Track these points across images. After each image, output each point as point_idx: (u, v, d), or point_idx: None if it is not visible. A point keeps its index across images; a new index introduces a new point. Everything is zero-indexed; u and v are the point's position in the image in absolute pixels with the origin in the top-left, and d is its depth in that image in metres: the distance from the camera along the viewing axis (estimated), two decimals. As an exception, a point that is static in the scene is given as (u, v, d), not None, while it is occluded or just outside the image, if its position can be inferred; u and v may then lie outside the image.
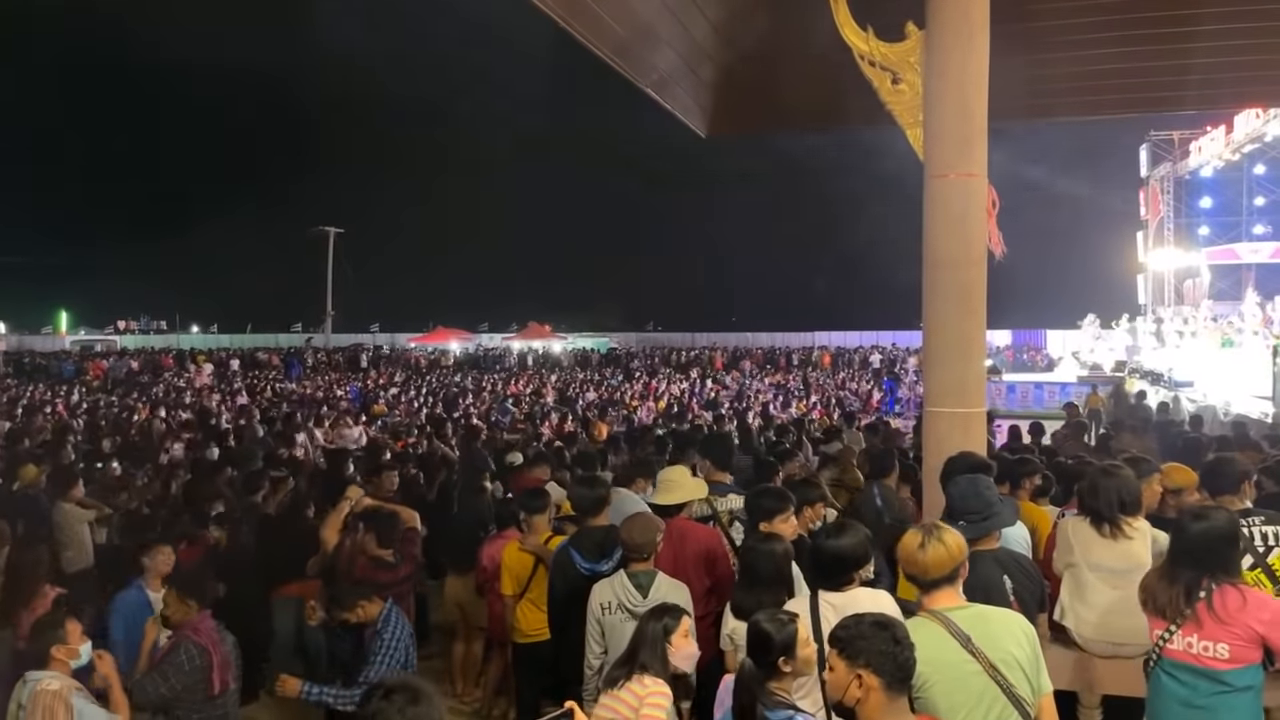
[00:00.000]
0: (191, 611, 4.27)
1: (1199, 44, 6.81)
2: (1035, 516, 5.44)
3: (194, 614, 4.27)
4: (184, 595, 4.28)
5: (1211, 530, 3.42)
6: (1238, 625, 3.30)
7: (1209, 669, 3.34)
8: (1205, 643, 3.34)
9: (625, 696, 3.27)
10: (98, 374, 34.12)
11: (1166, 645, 3.45)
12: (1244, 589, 3.37)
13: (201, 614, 4.30)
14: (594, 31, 6.16)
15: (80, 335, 51.65)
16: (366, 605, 4.40)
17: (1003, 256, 5.30)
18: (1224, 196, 31.35)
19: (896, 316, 38.42)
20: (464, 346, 45.32)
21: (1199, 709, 3.36)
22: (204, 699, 4.16)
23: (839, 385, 28.98)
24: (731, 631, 3.68)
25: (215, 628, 4.30)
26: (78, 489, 7.45)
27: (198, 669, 4.12)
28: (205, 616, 4.31)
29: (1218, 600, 3.33)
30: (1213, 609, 3.33)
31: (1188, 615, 3.38)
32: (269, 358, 41.07)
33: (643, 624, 3.49)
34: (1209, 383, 19.41)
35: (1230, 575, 3.40)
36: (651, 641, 3.39)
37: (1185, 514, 3.62)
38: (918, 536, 3.08)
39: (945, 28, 5.00)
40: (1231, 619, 3.30)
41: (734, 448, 5.92)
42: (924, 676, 2.82)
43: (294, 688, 4.15)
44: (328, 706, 4.25)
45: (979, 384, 5.20)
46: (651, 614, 3.52)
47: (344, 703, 4.14)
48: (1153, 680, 3.53)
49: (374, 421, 17.78)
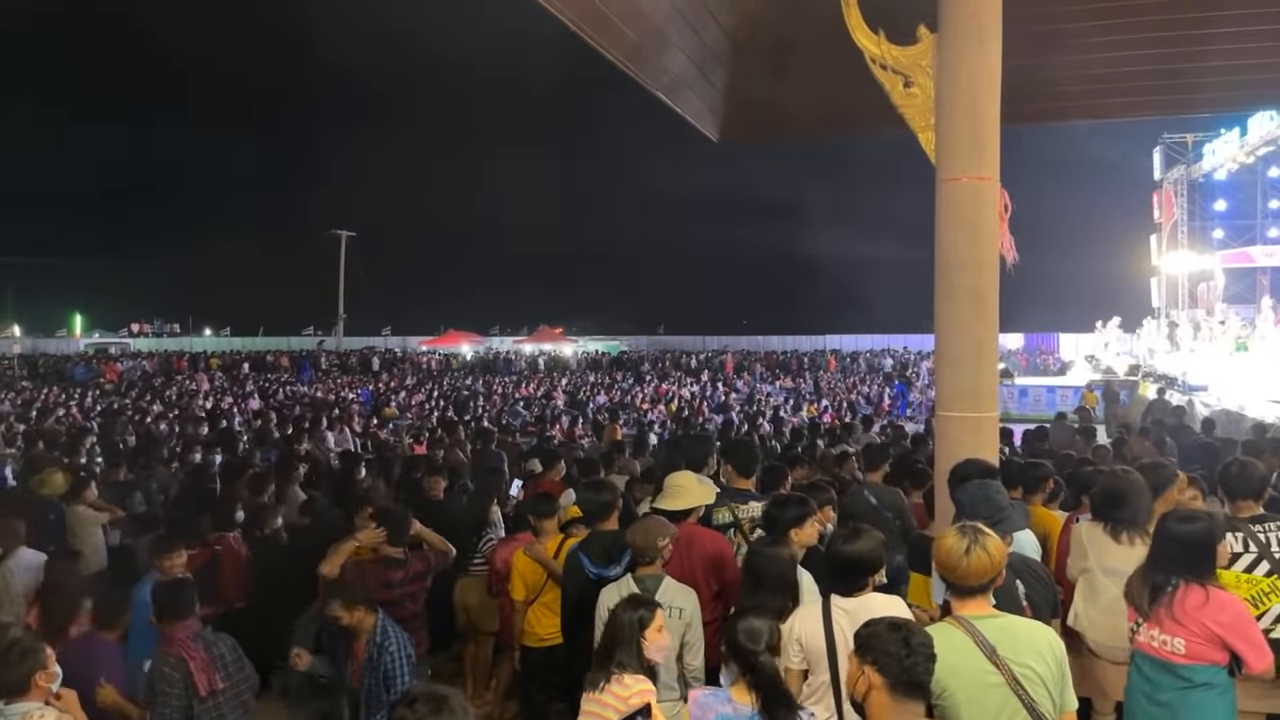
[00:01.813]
0: None
1: (1213, 46, 6.76)
2: (1047, 522, 5.42)
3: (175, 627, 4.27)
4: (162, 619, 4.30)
5: (1190, 534, 3.55)
6: (1194, 623, 3.42)
7: (1167, 662, 3.48)
8: (1165, 636, 3.49)
9: (609, 699, 3.23)
10: (112, 377, 34.32)
11: (1135, 637, 3.62)
12: (1211, 590, 3.48)
13: (179, 624, 4.26)
14: (605, 35, 6.16)
15: (94, 338, 52.01)
16: (360, 614, 4.36)
17: (1015, 263, 5.26)
18: (1238, 199, 31.13)
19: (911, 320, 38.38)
20: (475, 349, 45.43)
21: (1162, 706, 3.50)
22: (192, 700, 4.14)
23: (850, 389, 28.89)
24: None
25: (191, 635, 4.25)
26: (90, 491, 7.49)
27: (177, 680, 4.11)
28: (183, 626, 4.26)
29: (1179, 597, 3.47)
30: (1172, 605, 3.47)
31: (1150, 610, 3.54)
32: (277, 359, 41.26)
33: (616, 618, 3.43)
34: (1223, 387, 19.27)
35: (1199, 577, 3.51)
36: (628, 638, 3.35)
37: (1171, 516, 3.71)
38: (962, 541, 2.97)
39: (957, 30, 4.98)
40: (1188, 616, 3.43)
41: (758, 454, 5.85)
42: (944, 684, 2.79)
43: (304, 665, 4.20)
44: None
45: (991, 388, 5.17)
46: (626, 606, 3.46)
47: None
48: (1128, 674, 3.70)
49: (385, 424, 17.87)
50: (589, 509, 4.88)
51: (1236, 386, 18.30)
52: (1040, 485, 5.64)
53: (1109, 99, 8.08)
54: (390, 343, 50.70)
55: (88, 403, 23.21)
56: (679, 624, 3.99)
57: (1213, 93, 7.79)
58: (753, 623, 3.21)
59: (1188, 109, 9.30)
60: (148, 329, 56.85)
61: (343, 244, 49.48)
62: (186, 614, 4.33)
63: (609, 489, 5.02)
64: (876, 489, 6.25)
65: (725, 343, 47.64)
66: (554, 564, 5.21)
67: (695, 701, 3.29)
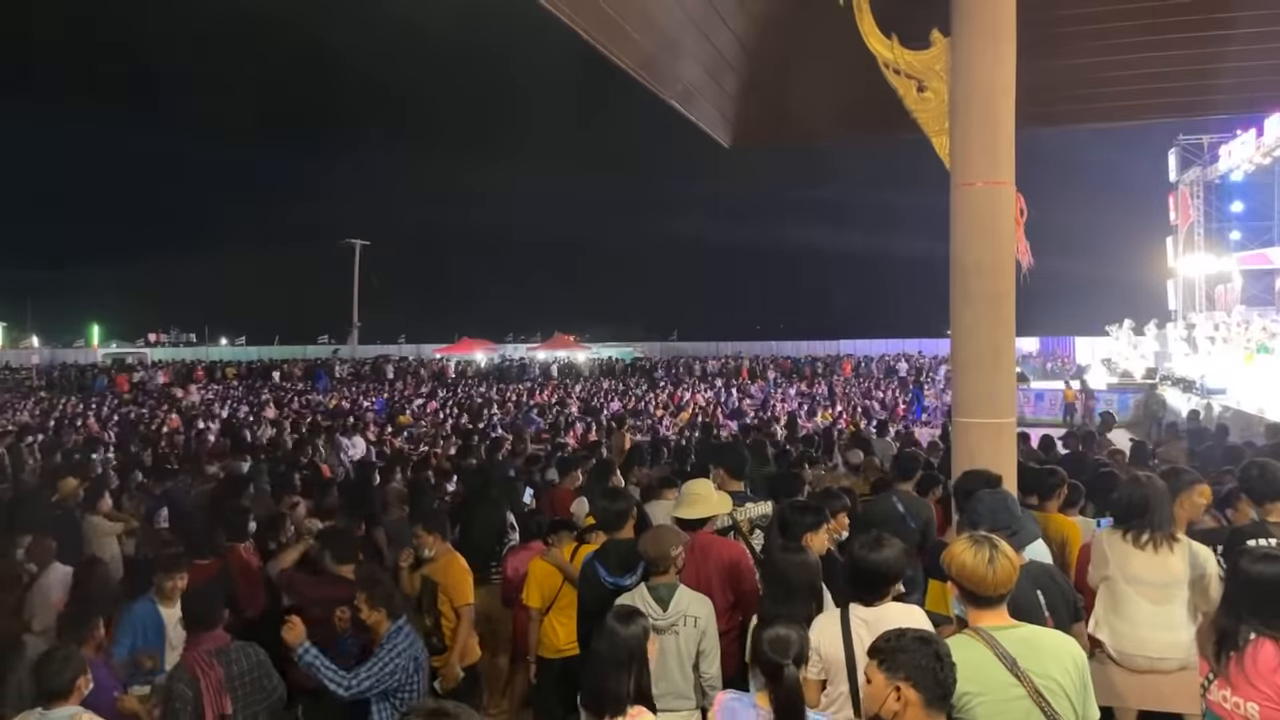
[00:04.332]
0: None
1: (1229, 47, 6.71)
2: (1065, 528, 5.36)
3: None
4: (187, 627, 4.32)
5: (1265, 575, 3.16)
6: (1269, 685, 3.05)
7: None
8: (1236, 699, 3.12)
9: None
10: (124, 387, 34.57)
11: (1206, 694, 3.27)
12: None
13: (207, 634, 4.27)
14: (617, 44, 6.16)
15: (112, 348, 52.39)
16: (374, 613, 4.34)
17: (1030, 267, 5.22)
18: (1255, 200, 30.90)
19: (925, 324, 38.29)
20: (489, 357, 45.52)
21: None
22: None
23: (865, 394, 28.78)
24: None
25: (209, 654, 4.22)
26: (105, 501, 7.53)
27: (190, 699, 4.08)
28: (210, 638, 4.27)
29: (1249, 655, 3.11)
30: (1243, 664, 3.11)
31: (1220, 665, 3.18)
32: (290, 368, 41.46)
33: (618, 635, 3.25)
34: (1241, 389, 19.10)
35: (1274, 629, 3.11)
36: (639, 653, 3.24)
37: (1247, 554, 3.32)
38: (983, 551, 2.88)
39: (971, 34, 4.96)
40: (1261, 678, 3.06)
41: (748, 457, 5.82)
42: (967, 697, 2.73)
43: (297, 635, 4.12)
44: (317, 677, 4.16)
45: (1009, 393, 5.13)
46: (624, 622, 3.30)
47: (333, 680, 4.10)
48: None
49: (400, 432, 17.93)
50: (604, 518, 4.86)
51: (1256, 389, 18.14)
52: (1055, 491, 5.58)
53: (1123, 101, 8.02)
54: (404, 350, 50.86)
55: (104, 412, 23.38)
56: (695, 632, 3.97)
57: (1229, 94, 7.73)
58: (780, 631, 3.16)
59: (1203, 111, 9.22)
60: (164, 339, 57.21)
61: (357, 253, 49.70)
62: (215, 623, 4.35)
63: (624, 497, 4.99)
64: (907, 498, 6.18)
65: (739, 348, 47.54)
66: (571, 568, 5.20)
67: (721, 705, 3.26)
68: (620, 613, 3.39)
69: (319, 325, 55.21)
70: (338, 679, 4.11)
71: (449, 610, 5.23)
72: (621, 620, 3.32)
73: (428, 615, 5.24)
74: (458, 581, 5.27)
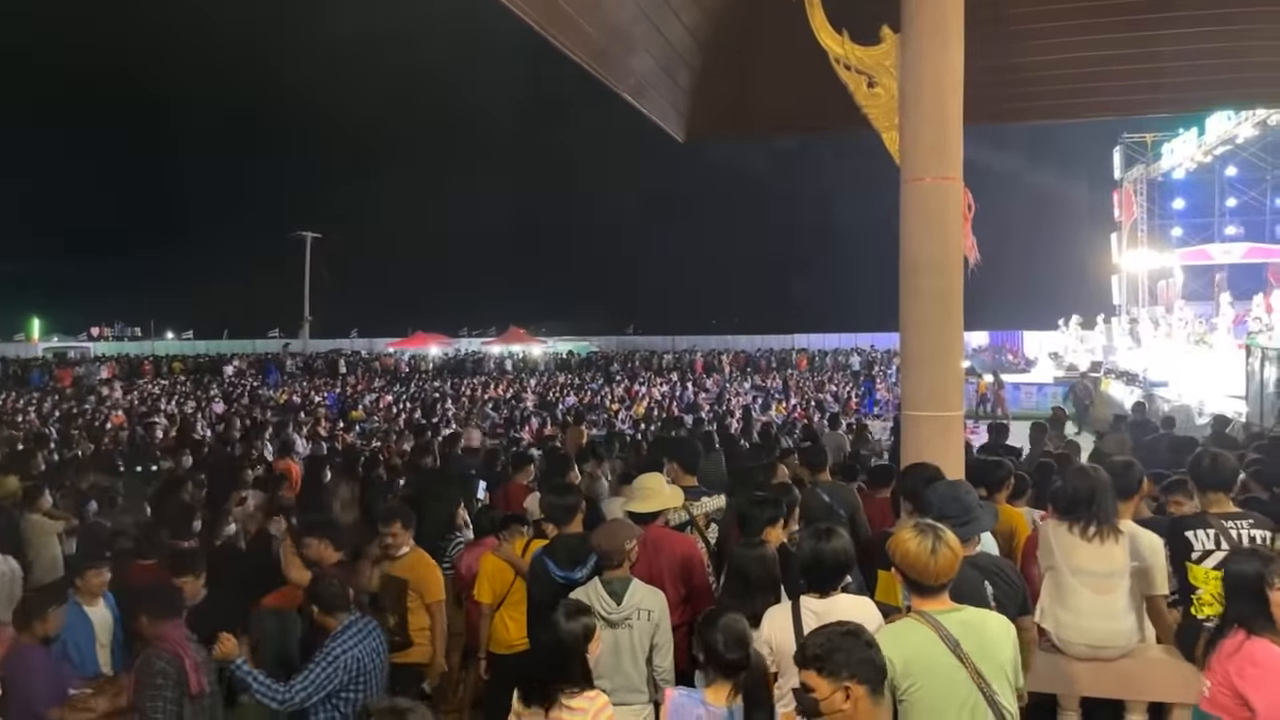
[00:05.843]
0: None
1: (1172, 46, 6.85)
2: (1013, 519, 5.46)
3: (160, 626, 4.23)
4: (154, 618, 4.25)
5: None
6: (1220, 669, 3.23)
7: (1198, 705, 3.35)
8: (1206, 682, 3.34)
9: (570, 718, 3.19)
10: (67, 381, 33.68)
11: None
12: (1254, 641, 3.22)
13: (169, 623, 4.25)
14: (570, 37, 6.11)
15: (53, 342, 51.03)
16: (326, 617, 4.28)
17: (977, 264, 5.28)
18: (1196, 198, 31.76)
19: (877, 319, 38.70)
20: (443, 351, 45.11)
21: None
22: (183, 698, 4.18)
23: (818, 388, 29.04)
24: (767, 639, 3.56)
25: (184, 635, 4.27)
26: (44, 499, 7.32)
27: (171, 675, 4.13)
28: (174, 625, 4.27)
29: (1223, 644, 3.30)
30: (1219, 652, 3.30)
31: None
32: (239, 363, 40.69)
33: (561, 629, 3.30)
34: (1183, 383, 19.61)
35: (1246, 622, 3.28)
36: (577, 649, 3.28)
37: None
38: (926, 541, 2.94)
39: (920, 31, 5.00)
40: (1219, 661, 3.24)
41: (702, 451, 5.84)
42: (913, 678, 2.83)
43: (229, 650, 3.99)
44: (250, 691, 4.05)
45: (957, 388, 5.19)
46: (569, 616, 3.34)
47: (266, 695, 3.97)
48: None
49: (352, 427, 17.71)
50: (553, 513, 4.84)
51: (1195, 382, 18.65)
52: (1003, 482, 5.68)
53: (1070, 99, 8.14)
54: (357, 344, 50.21)
55: (45, 408, 22.76)
56: (648, 626, 3.97)
57: (1171, 93, 7.87)
58: (733, 621, 3.18)
59: (1147, 109, 9.40)
60: (109, 333, 55.86)
61: (308, 245, 48.89)
62: (177, 613, 4.35)
63: (573, 492, 4.99)
64: (829, 487, 6.28)
65: (695, 342, 47.72)
66: (522, 564, 5.16)
67: (671, 701, 3.26)
68: (568, 608, 3.39)
69: (269, 319, 54.34)
70: (270, 693, 4.00)
71: (418, 607, 5.17)
72: (566, 615, 3.35)
73: (392, 613, 5.16)
74: (426, 578, 5.24)
